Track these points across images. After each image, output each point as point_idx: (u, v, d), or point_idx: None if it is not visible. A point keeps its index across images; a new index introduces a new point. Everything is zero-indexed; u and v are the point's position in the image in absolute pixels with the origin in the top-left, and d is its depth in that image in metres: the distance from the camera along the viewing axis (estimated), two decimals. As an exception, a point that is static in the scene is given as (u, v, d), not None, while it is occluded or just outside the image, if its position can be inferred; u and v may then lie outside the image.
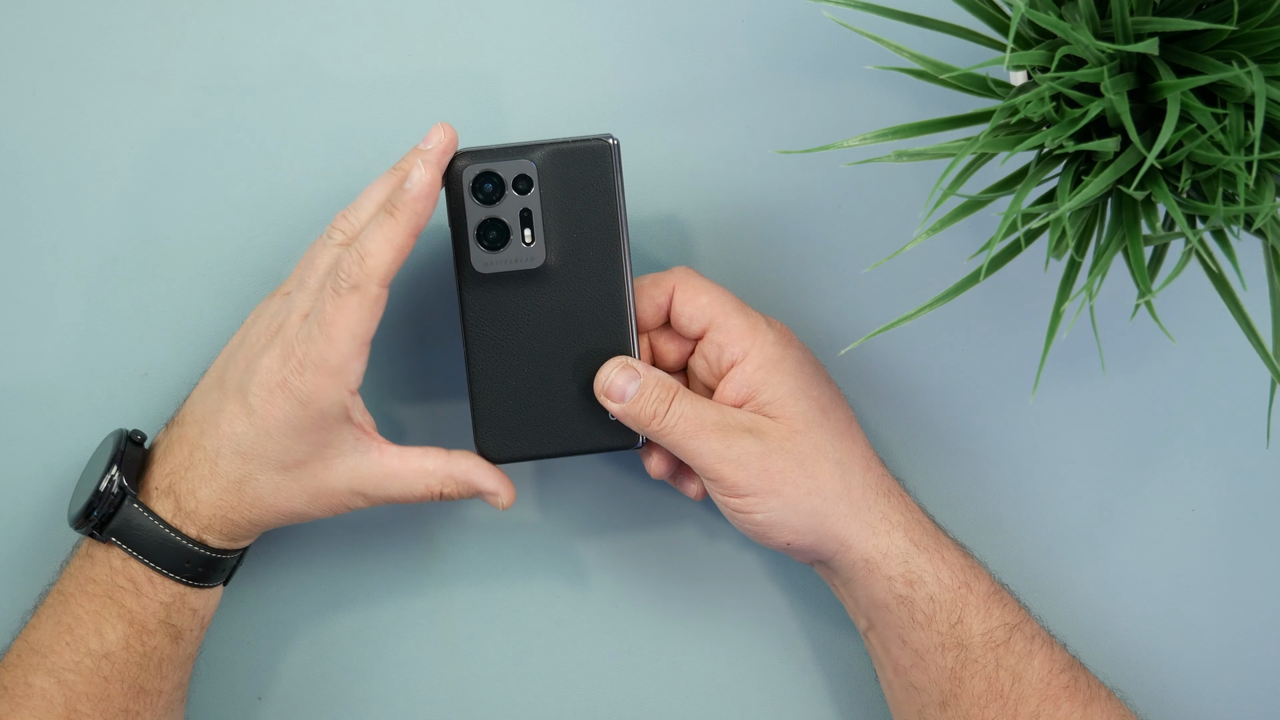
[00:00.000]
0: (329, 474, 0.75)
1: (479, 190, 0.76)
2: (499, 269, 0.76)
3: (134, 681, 0.75)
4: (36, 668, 0.75)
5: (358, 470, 0.75)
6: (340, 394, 0.73)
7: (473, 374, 0.77)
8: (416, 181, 0.73)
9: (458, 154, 0.76)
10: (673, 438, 0.75)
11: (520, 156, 0.76)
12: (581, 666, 0.86)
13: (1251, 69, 0.62)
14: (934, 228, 0.69)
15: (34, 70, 0.82)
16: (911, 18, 0.71)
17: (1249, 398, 0.85)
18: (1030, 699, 0.77)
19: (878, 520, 0.77)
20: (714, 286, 0.78)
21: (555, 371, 0.77)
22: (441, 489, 0.77)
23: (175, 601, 0.76)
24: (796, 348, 0.78)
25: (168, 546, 0.75)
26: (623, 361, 0.77)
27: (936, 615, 0.76)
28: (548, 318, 0.77)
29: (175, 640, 0.76)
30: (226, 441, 0.75)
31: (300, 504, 0.76)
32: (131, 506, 0.75)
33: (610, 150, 0.76)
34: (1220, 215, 0.64)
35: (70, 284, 0.83)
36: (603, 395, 0.77)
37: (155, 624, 0.75)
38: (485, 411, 0.77)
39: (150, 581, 0.75)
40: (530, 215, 0.76)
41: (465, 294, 0.77)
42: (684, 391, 0.76)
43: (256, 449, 0.74)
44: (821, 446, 0.76)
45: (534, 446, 0.78)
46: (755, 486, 0.75)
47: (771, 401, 0.76)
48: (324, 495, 0.76)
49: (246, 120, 0.83)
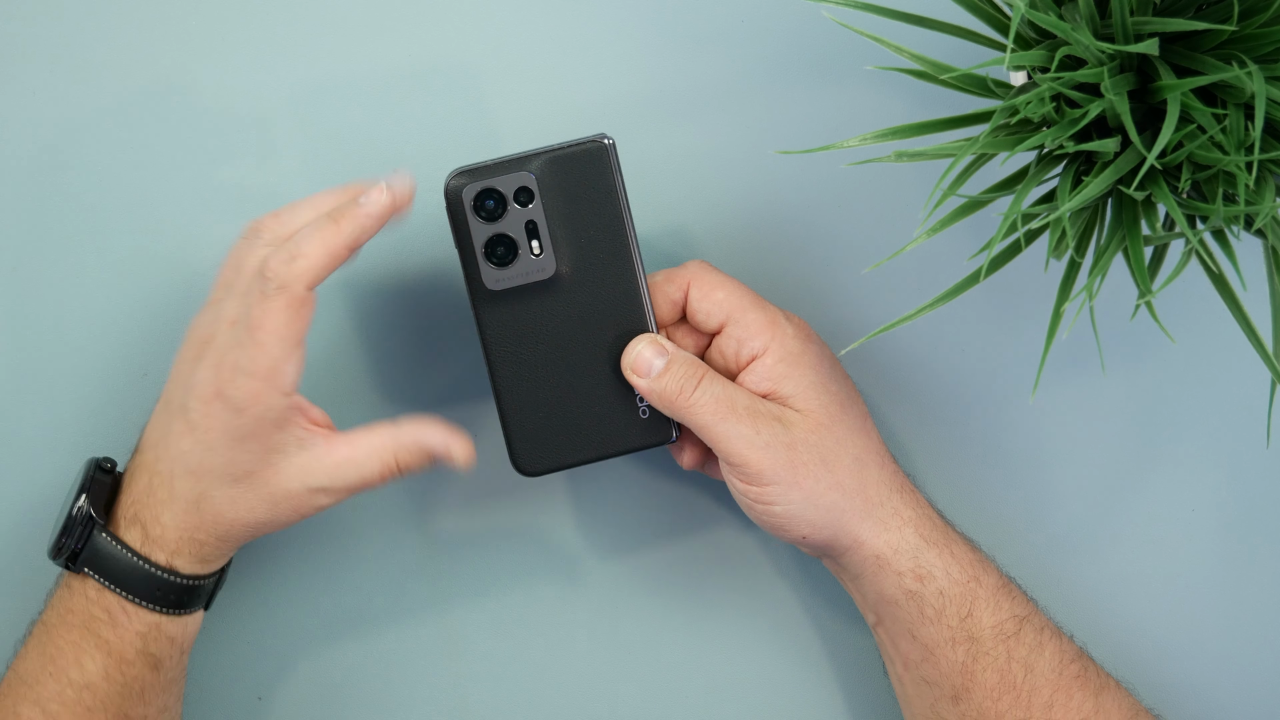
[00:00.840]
0: (280, 478, 0.73)
1: (481, 208, 0.75)
2: (511, 284, 0.76)
3: (118, 709, 0.75)
4: (24, 698, 0.75)
5: (308, 467, 0.73)
6: (274, 398, 0.72)
7: (499, 391, 0.77)
8: (374, 200, 0.72)
9: (454, 174, 0.75)
10: (701, 418, 0.75)
11: (518, 169, 0.75)
12: (585, 662, 0.86)
13: (1251, 69, 0.62)
14: (934, 228, 0.69)
15: (34, 70, 0.82)
16: (911, 18, 0.71)
17: (1249, 398, 0.85)
18: (1043, 690, 0.77)
19: (890, 516, 0.77)
20: (729, 280, 0.78)
21: (580, 378, 0.77)
22: (396, 460, 0.74)
23: (151, 631, 0.75)
24: (815, 342, 0.78)
25: (138, 574, 0.74)
26: (650, 338, 0.76)
27: (946, 610, 0.76)
28: (566, 326, 0.77)
29: (155, 668, 0.75)
30: (177, 462, 0.73)
31: (262, 513, 0.74)
32: (100, 536, 0.74)
33: (607, 150, 0.76)
34: (1220, 215, 0.64)
35: (70, 284, 0.83)
36: (630, 371, 0.76)
37: (133, 654, 0.75)
38: (516, 427, 0.77)
39: (124, 611, 0.74)
40: (536, 226, 0.76)
41: (481, 313, 0.76)
42: (714, 373, 0.76)
43: (204, 464, 0.73)
44: (842, 441, 0.76)
45: (569, 455, 0.78)
46: (780, 475, 0.75)
47: (793, 395, 0.76)
48: (283, 500, 0.74)
49: (245, 121, 0.83)
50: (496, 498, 0.85)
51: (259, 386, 0.71)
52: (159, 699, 0.76)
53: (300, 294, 0.71)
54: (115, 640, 0.74)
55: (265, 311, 0.71)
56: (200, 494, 0.73)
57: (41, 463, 0.83)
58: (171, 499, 0.74)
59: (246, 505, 0.74)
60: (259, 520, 0.74)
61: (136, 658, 0.75)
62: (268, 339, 0.71)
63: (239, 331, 0.71)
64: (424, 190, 0.83)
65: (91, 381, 0.83)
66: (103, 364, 0.83)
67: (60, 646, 0.75)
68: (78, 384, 0.83)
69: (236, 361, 0.71)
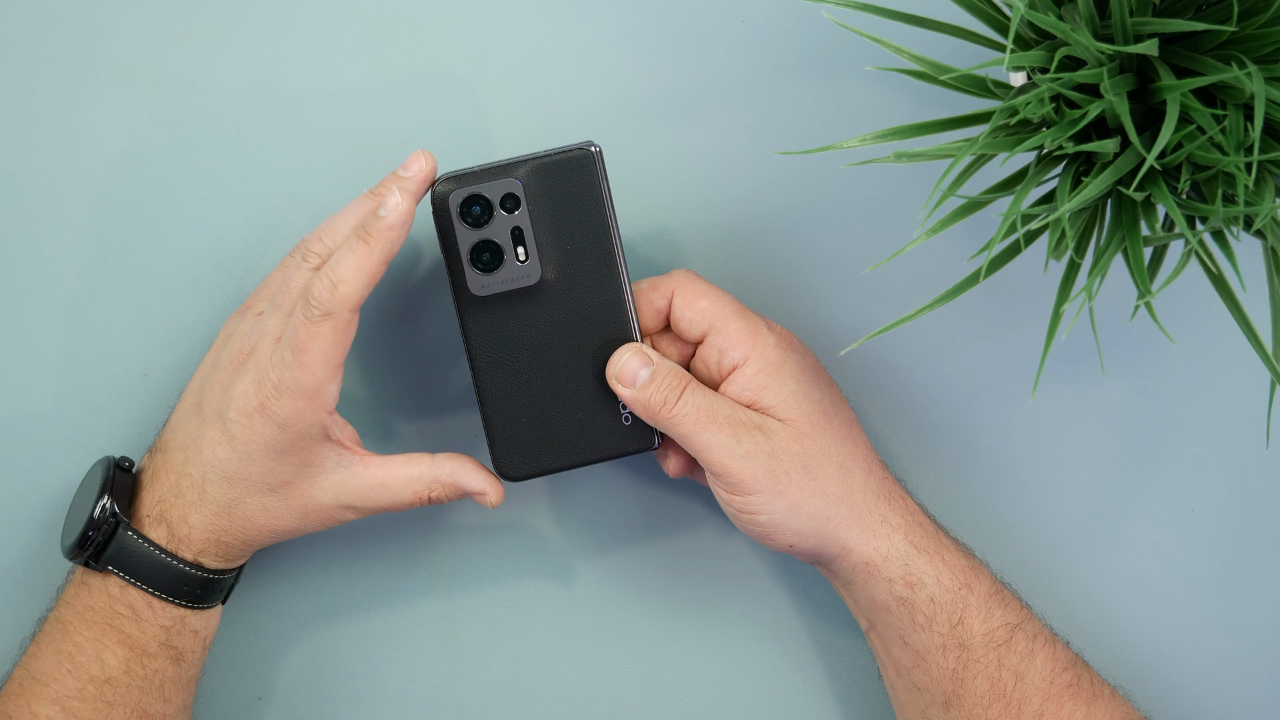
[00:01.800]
0: (315, 491, 0.76)
1: (467, 214, 0.75)
2: (496, 290, 0.76)
3: (137, 705, 0.75)
4: (40, 696, 0.75)
5: (343, 485, 0.76)
6: (318, 415, 0.74)
7: (483, 396, 0.77)
8: (392, 209, 0.72)
9: (440, 179, 0.75)
10: (683, 428, 0.75)
11: (505, 175, 0.75)
12: (582, 668, 0.86)
13: (1251, 70, 0.62)
14: (934, 228, 0.69)
15: (34, 70, 0.82)
16: (911, 18, 0.71)
17: (1249, 398, 0.85)
18: (1033, 698, 0.77)
19: (878, 524, 0.77)
20: (714, 289, 0.78)
21: (564, 384, 0.77)
22: (429, 493, 0.77)
23: (176, 625, 0.76)
24: (798, 351, 0.78)
25: (166, 571, 0.75)
26: (636, 347, 0.77)
27: (937, 616, 0.76)
28: (550, 332, 0.77)
29: (177, 662, 0.76)
30: (211, 468, 0.75)
31: (291, 522, 0.76)
32: (126, 534, 0.75)
33: (593, 158, 0.76)
34: (1220, 216, 0.64)
35: (70, 284, 0.83)
36: (615, 380, 0.77)
37: (156, 647, 0.76)
38: (499, 432, 0.78)
39: (150, 607, 0.75)
40: (521, 233, 0.76)
41: (465, 318, 0.77)
42: (697, 383, 0.76)
43: (241, 473, 0.75)
44: (826, 450, 0.76)
45: (552, 461, 0.78)
46: (762, 485, 0.75)
47: (774, 405, 0.76)
48: (313, 512, 0.76)
49: (243, 123, 0.83)
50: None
51: (303, 405, 0.73)
52: (178, 696, 0.77)
53: (345, 318, 0.73)
54: (139, 634, 0.75)
55: (311, 335, 0.72)
56: (233, 500, 0.75)
57: (41, 462, 0.83)
58: (202, 501, 0.75)
59: (278, 514, 0.76)
60: (285, 528, 0.76)
61: (159, 650, 0.76)
62: (314, 361, 0.72)
63: (284, 351, 0.73)
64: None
65: (91, 381, 0.83)
66: (103, 364, 0.83)
67: (79, 643, 0.75)
68: (78, 384, 0.83)
69: (281, 380, 0.73)
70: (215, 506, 0.75)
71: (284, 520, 0.76)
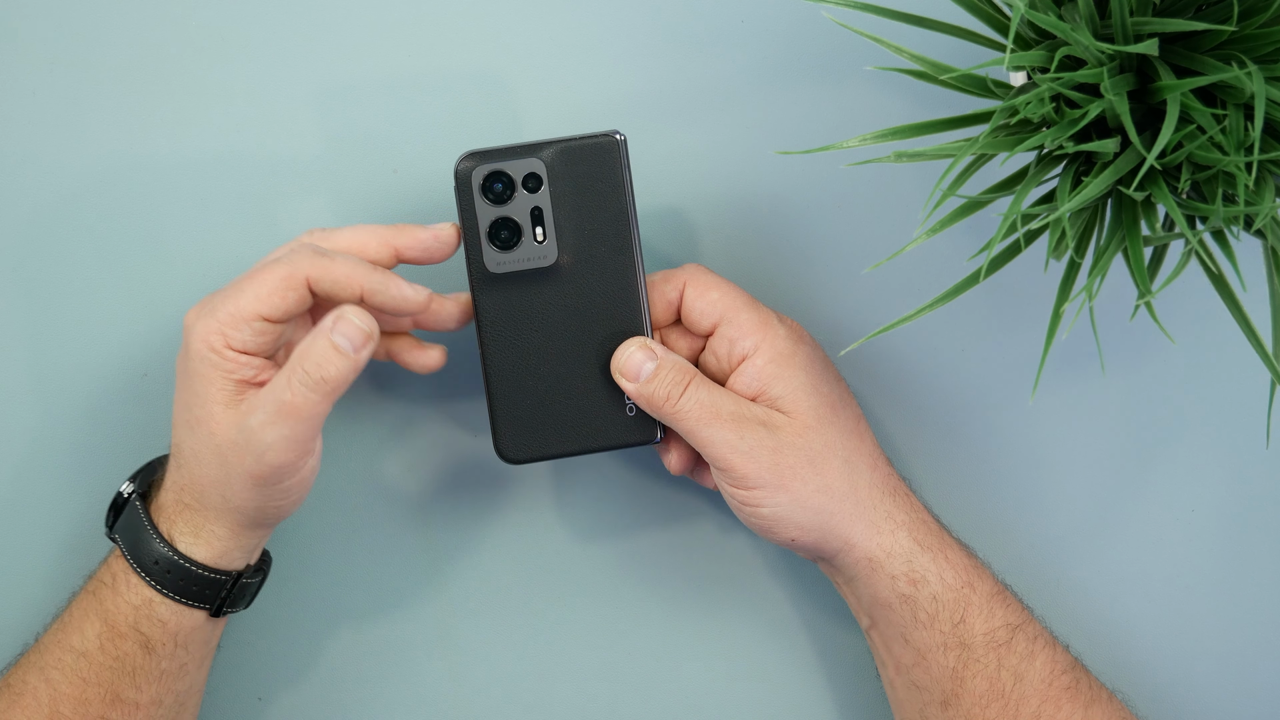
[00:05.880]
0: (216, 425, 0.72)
1: (489, 190, 0.76)
2: (512, 268, 0.76)
3: (109, 686, 0.75)
4: (32, 665, 0.76)
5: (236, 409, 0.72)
6: (218, 340, 0.71)
7: (489, 375, 0.77)
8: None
9: (465, 155, 0.76)
10: (687, 423, 0.75)
11: (529, 155, 0.76)
12: (583, 665, 0.86)
13: (1251, 70, 0.62)
14: (934, 228, 0.69)
15: (34, 70, 0.82)
16: (911, 18, 0.71)
17: (1249, 398, 0.85)
18: (1031, 699, 0.77)
19: (882, 520, 0.77)
20: (724, 282, 0.78)
21: (571, 369, 0.77)
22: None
23: (144, 606, 0.75)
24: (808, 344, 0.78)
25: (142, 538, 0.75)
26: (641, 341, 0.77)
27: (939, 615, 0.76)
28: (562, 315, 0.77)
29: (146, 650, 0.75)
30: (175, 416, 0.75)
31: (214, 469, 0.72)
32: (134, 503, 0.76)
33: (618, 145, 0.76)
34: (1220, 216, 0.64)
35: (71, 283, 0.83)
36: (619, 374, 0.76)
37: (125, 627, 0.75)
38: (503, 412, 0.77)
39: (127, 580, 0.75)
40: (541, 213, 0.76)
41: (478, 294, 0.77)
42: (701, 378, 0.76)
43: (176, 407, 0.74)
44: (832, 444, 0.76)
45: (553, 445, 0.78)
46: (765, 479, 0.75)
47: (782, 396, 0.76)
48: (229, 451, 0.72)
49: (251, 121, 0.83)
50: (496, 498, 0.85)
51: (210, 325, 0.72)
52: (150, 688, 0.76)
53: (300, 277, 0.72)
54: (112, 608, 0.75)
55: (263, 272, 0.72)
56: (177, 445, 0.75)
57: (42, 463, 0.83)
58: (173, 455, 0.75)
59: (205, 461, 0.73)
60: (214, 477, 0.73)
61: (129, 632, 0.75)
62: (246, 288, 0.72)
63: (236, 279, 0.73)
64: (426, 188, 0.83)
65: (91, 381, 0.83)
66: (103, 364, 0.83)
67: (72, 612, 0.76)
68: (78, 384, 0.83)
69: (211, 298, 0.73)
70: (175, 460, 0.75)
71: (208, 467, 0.72)
